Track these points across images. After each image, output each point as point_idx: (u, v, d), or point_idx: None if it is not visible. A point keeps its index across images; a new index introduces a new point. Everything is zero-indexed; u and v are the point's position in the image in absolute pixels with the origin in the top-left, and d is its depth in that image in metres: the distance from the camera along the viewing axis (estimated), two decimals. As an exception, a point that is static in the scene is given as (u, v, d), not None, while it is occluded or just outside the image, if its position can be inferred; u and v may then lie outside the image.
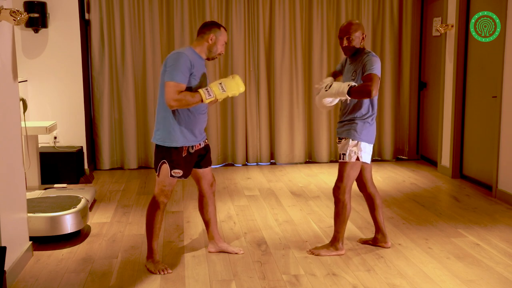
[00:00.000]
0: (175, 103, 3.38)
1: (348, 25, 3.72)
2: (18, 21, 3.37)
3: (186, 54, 3.44)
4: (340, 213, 3.82)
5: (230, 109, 6.96)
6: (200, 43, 3.58)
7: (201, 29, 3.61)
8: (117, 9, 6.58)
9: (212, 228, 3.93)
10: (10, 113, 3.61)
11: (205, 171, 3.79)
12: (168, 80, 3.38)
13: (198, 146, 3.63)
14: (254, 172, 6.66)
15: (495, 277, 3.50)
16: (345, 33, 3.71)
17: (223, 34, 3.60)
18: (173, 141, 3.50)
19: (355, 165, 3.77)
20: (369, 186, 3.99)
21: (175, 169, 3.52)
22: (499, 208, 5.05)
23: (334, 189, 3.82)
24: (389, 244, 4.04)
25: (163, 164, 3.53)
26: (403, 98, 7.23)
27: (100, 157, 6.80)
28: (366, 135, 3.75)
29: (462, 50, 6.06)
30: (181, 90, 3.39)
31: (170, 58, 3.44)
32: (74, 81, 6.33)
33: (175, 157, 3.52)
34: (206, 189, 3.84)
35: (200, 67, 3.55)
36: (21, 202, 3.79)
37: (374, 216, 4.03)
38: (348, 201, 3.80)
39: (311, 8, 6.89)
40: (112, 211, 5.03)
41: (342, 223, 3.84)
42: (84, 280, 3.51)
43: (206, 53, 3.59)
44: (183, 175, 3.56)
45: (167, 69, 3.41)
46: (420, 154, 7.37)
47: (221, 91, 3.46)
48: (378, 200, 4.01)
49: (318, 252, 3.88)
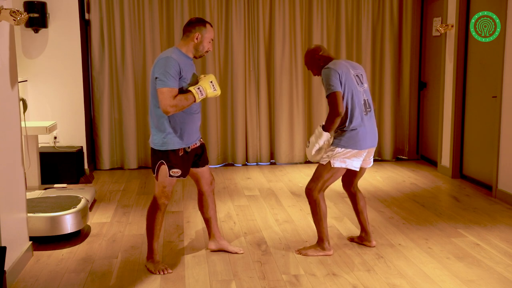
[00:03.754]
0: (172, 108, 3.36)
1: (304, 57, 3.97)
2: (18, 21, 3.37)
3: (173, 58, 3.41)
4: (315, 212, 3.84)
5: (230, 109, 6.96)
6: (186, 42, 3.55)
7: (186, 28, 3.57)
8: (117, 9, 6.58)
9: (212, 226, 3.93)
10: (10, 113, 3.61)
11: (203, 170, 3.80)
12: (161, 87, 3.36)
13: (194, 145, 3.64)
14: (254, 172, 6.66)
15: (495, 277, 3.50)
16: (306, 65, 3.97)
17: (209, 31, 3.56)
18: (169, 144, 3.50)
19: (332, 170, 3.76)
20: (354, 185, 4.04)
21: (173, 168, 3.53)
22: (499, 208, 5.05)
23: (306, 188, 3.87)
24: (373, 243, 4.05)
25: (161, 165, 3.53)
26: (403, 98, 7.23)
27: (100, 157, 6.80)
28: (345, 142, 3.72)
29: (462, 50, 6.06)
30: (174, 94, 3.38)
31: (158, 65, 3.40)
32: (74, 81, 6.33)
33: (172, 157, 3.52)
34: (205, 187, 3.85)
35: (189, 67, 3.53)
36: (21, 202, 3.79)
37: (357, 215, 4.08)
38: (320, 200, 3.81)
39: (311, 8, 6.89)
40: (112, 211, 5.03)
41: (320, 222, 3.84)
42: (84, 280, 3.51)
43: (193, 52, 3.56)
44: (181, 175, 3.56)
45: (158, 76, 3.38)
46: (420, 154, 7.37)
47: (212, 89, 3.50)
48: (361, 200, 4.05)
49: (306, 252, 3.89)
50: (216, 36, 6.75)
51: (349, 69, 3.74)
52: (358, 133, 3.73)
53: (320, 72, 3.81)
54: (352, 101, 3.70)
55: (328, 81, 3.64)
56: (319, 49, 3.86)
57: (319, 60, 3.82)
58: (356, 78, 3.76)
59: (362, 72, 3.86)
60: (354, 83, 3.72)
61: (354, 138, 3.72)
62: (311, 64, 3.88)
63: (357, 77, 3.77)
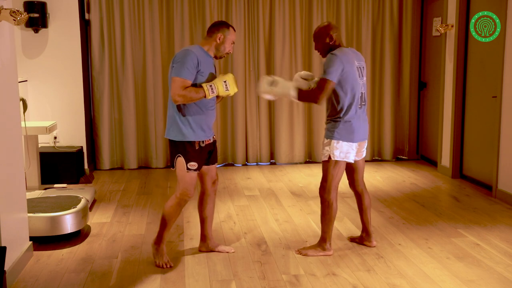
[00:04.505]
0: (179, 98, 3.46)
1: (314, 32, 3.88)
2: (18, 21, 3.37)
3: (193, 52, 3.53)
4: (325, 212, 3.83)
5: (230, 109, 6.96)
6: (209, 41, 3.66)
7: (210, 28, 3.69)
8: (117, 9, 6.58)
9: (207, 227, 3.95)
10: (10, 113, 3.61)
11: (210, 168, 3.83)
12: (175, 76, 3.48)
13: (208, 141, 3.70)
14: (254, 172, 6.66)
15: (495, 277, 3.50)
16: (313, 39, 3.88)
17: (232, 33, 3.68)
18: (185, 136, 3.57)
19: (336, 164, 3.76)
20: (357, 185, 4.01)
21: (190, 161, 3.59)
22: (499, 208, 5.05)
23: (319, 188, 3.85)
24: (373, 244, 4.05)
25: (178, 158, 3.60)
26: (403, 98, 7.23)
27: (100, 157, 6.80)
28: (338, 133, 3.73)
29: (462, 50, 6.06)
30: (186, 86, 3.48)
31: (178, 55, 3.54)
32: (74, 81, 6.33)
33: (189, 149, 3.58)
34: (208, 186, 3.87)
35: (208, 65, 3.62)
36: (21, 202, 3.79)
37: (360, 214, 4.07)
38: (333, 201, 3.80)
39: (311, 8, 6.89)
40: (112, 211, 5.03)
41: (328, 223, 3.84)
42: (84, 280, 3.51)
43: (214, 51, 3.67)
44: (198, 168, 3.62)
45: (174, 65, 3.51)
46: (420, 154, 7.37)
47: (224, 89, 3.57)
48: (366, 200, 4.03)
49: (306, 252, 3.89)
50: (216, 36, 6.75)
51: (354, 61, 3.72)
52: (352, 125, 3.72)
53: (325, 54, 3.77)
54: (352, 93, 3.69)
55: (329, 67, 3.62)
56: (331, 27, 3.77)
57: (329, 39, 3.75)
58: (358, 70, 3.75)
59: (364, 65, 3.84)
60: (356, 75, 3.71)
61: (348, 130, 3.72)
62: (319, 40, 3.79)
63: (359, 69, 3.76)
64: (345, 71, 3.64)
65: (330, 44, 3.77)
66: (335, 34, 3.77)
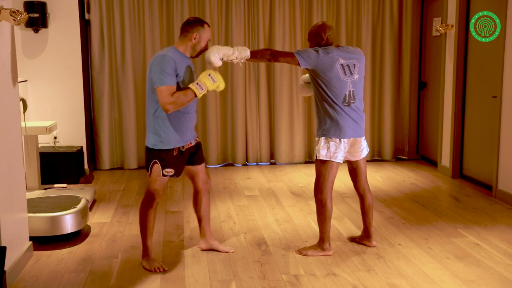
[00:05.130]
0: (171, 106, 3.38)
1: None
2: (18, 21, 3.37)
3: (169, 56, 3.43)
4: (320, 212, 3.83)
5: (230, 109, 6.96)
6: (184, 42, 3.56)
7: (184, 27, 3.58)
8: (117, 9, 6.58)
9: (204, 225, 3.95)
10: (10, 113, 3.61)
11: (198, 168, 3.81)
12: (159, 85, 3.38)
13: (189, 145, 3.66)
14: (254, 172, 6.66)
15: (495, 277, 3.50)
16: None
17: (207, 31, 3.58)
18: (164, 143, 3.52)
19: (326, 163, 3.77)
20: (359, 186, 4.01)
21: (166, 168, 3.55)
22: (499, 208, 5.05)
23: (314, 188, 3.86)
24: (373, 244, 4.04)
25: (154, 164, 3.55)
26: (403, 98, 7.23)
27: (100, 157, 6.80)
28: (324, 131, 3.74)
29: (462, 50, 6.06)
30: (173, 92, 3.40)
31: (155, 63, 3.43)
32: (74, 81, 6.33)
33: (166, 157, 3.54)
34: (200, 186, 3.86)
35: (185, 65, 3.54)
36: (21, 202, 3.79)
37: (362, 215, 4.07)
38: (327, 200, 3.80)
39: (311, 8, 6.89)
40: (112, 211, 5.03)
41: (323, 222, 3.83)
42: (84, 280, 3.51)
43: (190, 51, 3.58)
44: (174, 174, 3.59)
45: (154, 75, 3.41)
46: (420, 154, 7.37)
47: (212, 82, 3.47)
48: (368, 200, 4.02)
49: (306, 252, 3.88)
50: (216, 36, 6.75)
51: (338, 59, 3.68)
52: (339, 124, 3.71)
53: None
54: (332, 91, 3.68)
55: (306, 53, 3.66)
56: (324, 27, 3.79)
57: (321, 39, 3.77)
58: (346, 67, 3.70)
59: (357, 62, 3.76)
60: (338, 73, 3.67)
61: (334, 128, 3.72)
62: (312, 40, 3.82)
63: (346, 67, 3.71)
64: (320, 65, 3.65)
65: (322, 44, 3.79)
66: (329, 34, 3.78)
